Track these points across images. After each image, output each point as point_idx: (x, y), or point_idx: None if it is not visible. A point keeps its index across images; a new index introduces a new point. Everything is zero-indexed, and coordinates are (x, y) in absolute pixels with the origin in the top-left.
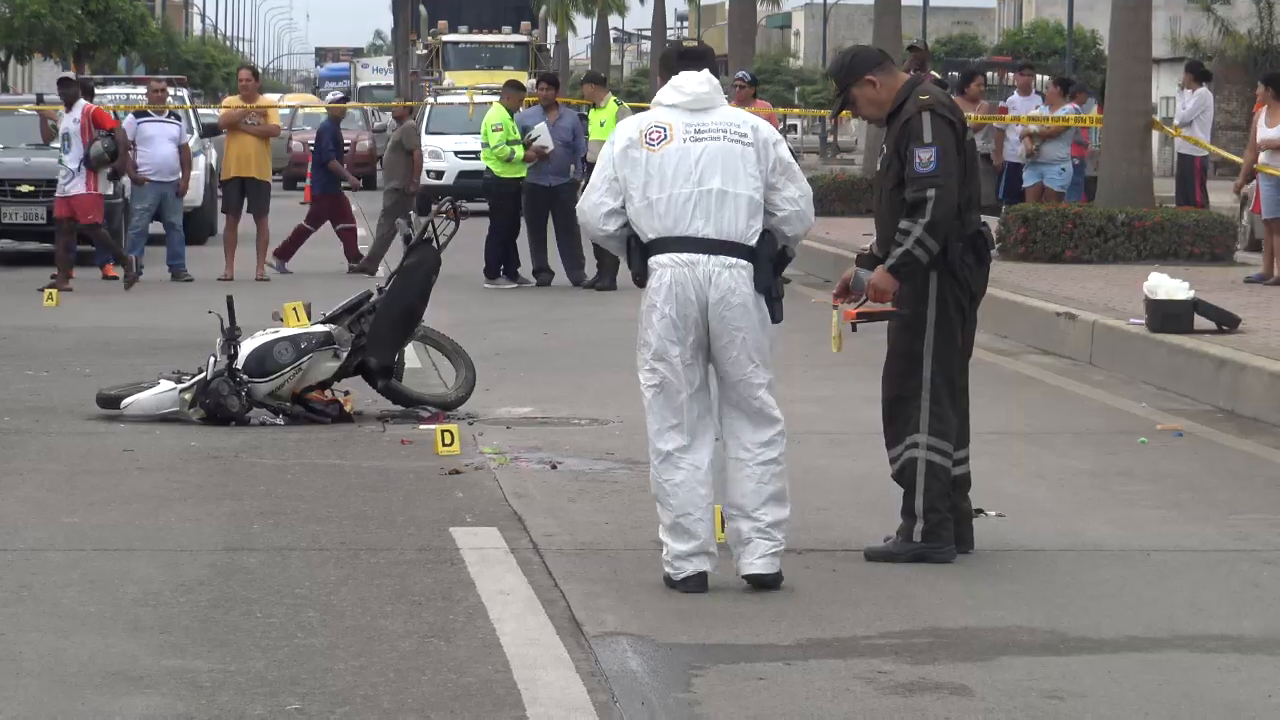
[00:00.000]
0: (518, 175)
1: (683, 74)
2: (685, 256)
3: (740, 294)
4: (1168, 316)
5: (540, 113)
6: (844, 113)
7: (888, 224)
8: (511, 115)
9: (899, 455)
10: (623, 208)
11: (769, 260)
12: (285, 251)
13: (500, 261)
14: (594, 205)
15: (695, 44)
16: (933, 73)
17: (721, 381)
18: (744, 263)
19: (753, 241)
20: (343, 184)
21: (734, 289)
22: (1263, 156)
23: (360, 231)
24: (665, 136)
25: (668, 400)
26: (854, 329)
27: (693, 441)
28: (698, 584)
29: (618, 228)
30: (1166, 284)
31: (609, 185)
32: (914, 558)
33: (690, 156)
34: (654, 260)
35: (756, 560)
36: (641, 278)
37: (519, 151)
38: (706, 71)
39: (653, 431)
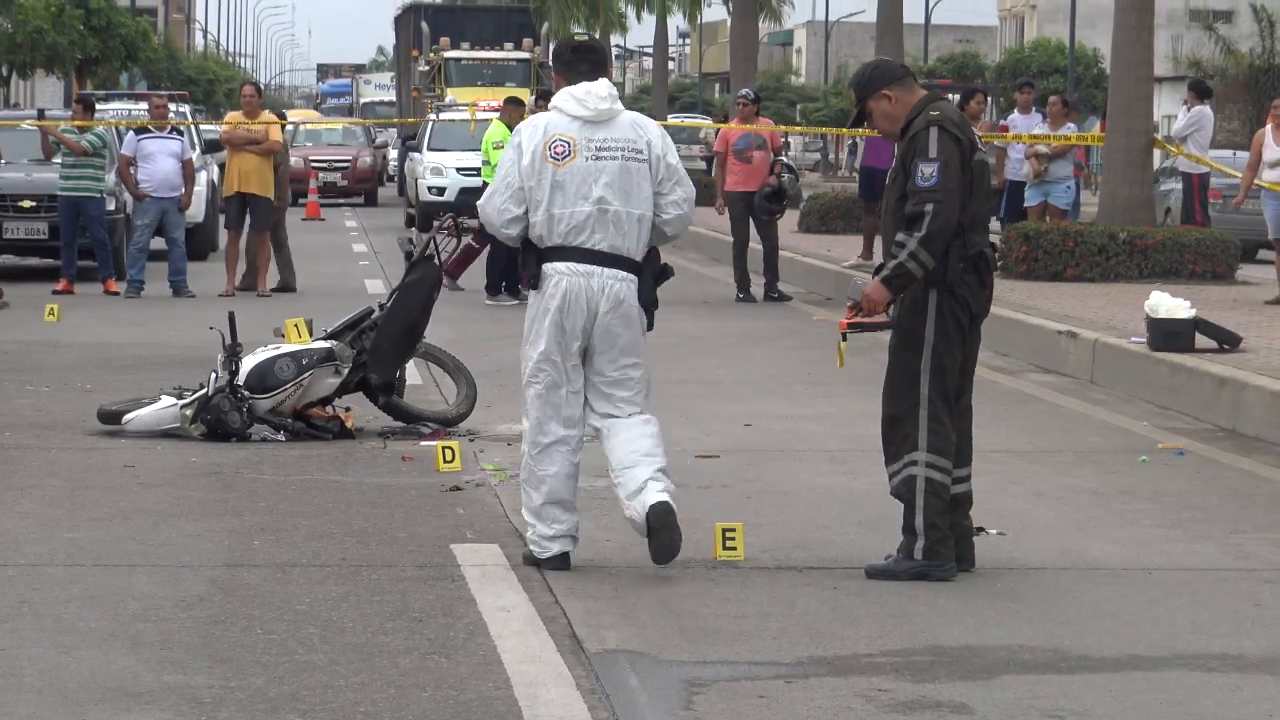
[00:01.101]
0: None
1: (584, 85)
2: (582, 267)
3: (628, 304)
4: (1169, 335)
5: None
6: (861, 130)
7: (891, 236)
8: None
9: (898, 472)
10: (525, 214)
11: (651, 276)
12: (454, 270)
13: (502, 278)
14: (499, 210)
15: (587, 38)
16: (764, 119)
17: (599, 379)
18: (632, 276)
19: (639, 255)
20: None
21: (623, 299)
22: (1270, 175)
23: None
24: (569, 152)
25: (551, 397)
26: (844, 338)
27: (569, 434)
28: (560, 562)
29: (519, 232)
30: (1168, 302)
31: (514, 193)
32: (915, 575)
33: (591, 175)
34: (551, 267)
35: (657, 493)
36: (536, 281)
37: None
38: (605, 82)
39: (532, 423)
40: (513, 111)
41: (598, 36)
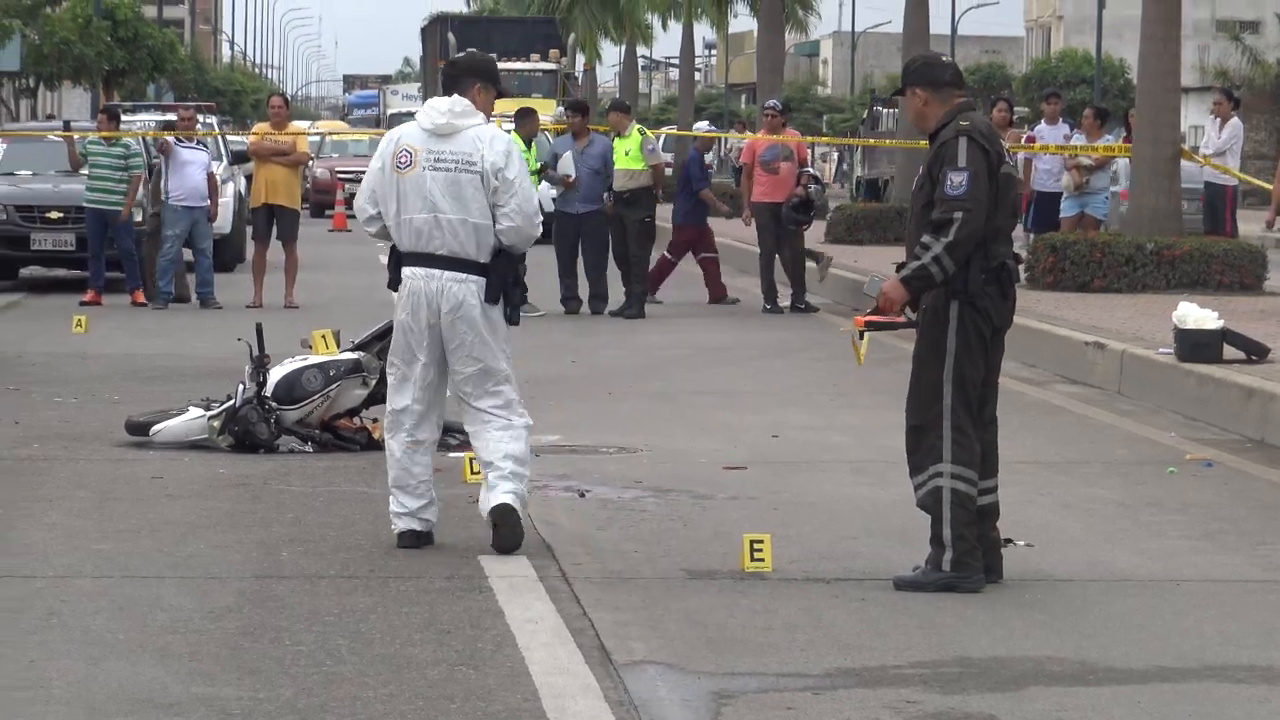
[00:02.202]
0: None
1: (434, 99)
2: (424, 271)
3: (469, 305)
4: (1196, 346)
5: (570, 140)
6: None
7: (915, 243)
8: (527, 143)
9: (923, 483)
10: (379, 214)
11: (501, 276)
12: (654, 283)
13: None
14: (360, 209)
15: (470, 55)
16: (791, 130)
17: (454, 376)
18: (475, 277)
19: (484, 258)
20: (710, 214)
21: (464, 300)
22: None
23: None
24: (410, 162)
25: (406, 389)
26: (861, 336)
27: (421, 422)
28: (411, 540)
29: (378, 229)
30: (1195, 313)
31: (370, 195)
32: (942, 587)
33: (426, 185)
34: (406, 271)
35: (503, 494)
36: (395, 283)
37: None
38: (454, 98)
39: (391, 408)
40: (525, 122)
41: (624, 47)
